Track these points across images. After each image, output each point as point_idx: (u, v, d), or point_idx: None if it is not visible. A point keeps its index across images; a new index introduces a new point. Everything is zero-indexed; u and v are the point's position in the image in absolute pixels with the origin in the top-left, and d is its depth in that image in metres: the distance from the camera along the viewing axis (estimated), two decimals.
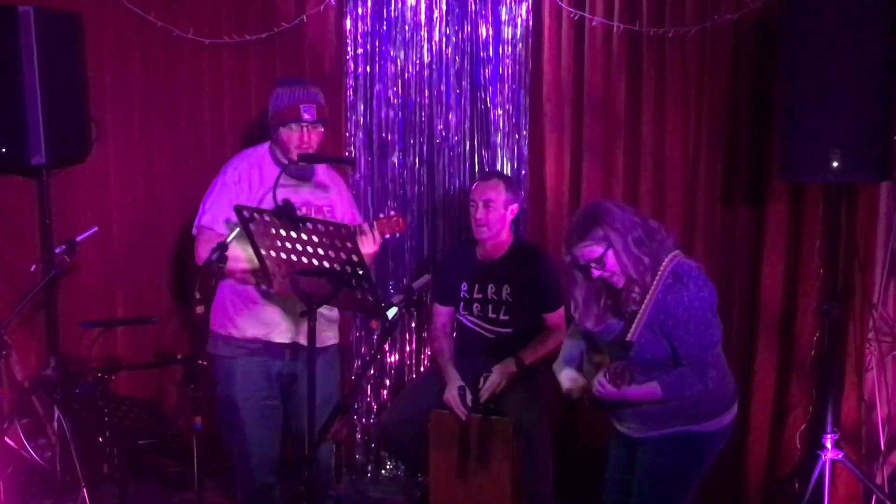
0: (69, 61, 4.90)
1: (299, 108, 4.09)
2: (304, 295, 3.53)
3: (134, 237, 5.29)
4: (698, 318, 3.47)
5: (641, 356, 3.48)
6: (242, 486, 4.28)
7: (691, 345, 3.48)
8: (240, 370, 4.15)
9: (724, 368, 3.66)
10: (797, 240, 4.64)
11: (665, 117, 4.80)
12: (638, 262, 3.47)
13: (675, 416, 3.57)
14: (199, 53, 5.19)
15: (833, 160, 4.15)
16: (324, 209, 4.20)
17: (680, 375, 3.50)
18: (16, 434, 4.94)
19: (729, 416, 3.69)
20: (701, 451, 3.66)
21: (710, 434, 3.63)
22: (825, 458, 4.42)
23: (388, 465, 5.35)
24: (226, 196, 4.10)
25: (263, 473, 4.22)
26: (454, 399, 4.47)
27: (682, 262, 3.52)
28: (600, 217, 3.50)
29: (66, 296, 5.12)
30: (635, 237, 3.48)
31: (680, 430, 3.58)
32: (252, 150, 4.27)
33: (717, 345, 3.57)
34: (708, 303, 3.50)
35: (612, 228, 3.47)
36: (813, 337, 4.63)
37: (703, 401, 3.55)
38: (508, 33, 5.03)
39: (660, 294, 3.45)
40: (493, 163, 5.11)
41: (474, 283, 4.67)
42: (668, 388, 3.49)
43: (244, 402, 4.15)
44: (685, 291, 3.46)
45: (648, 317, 3.45)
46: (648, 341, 3.48)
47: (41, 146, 4.71)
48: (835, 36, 4.15)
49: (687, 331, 3.46)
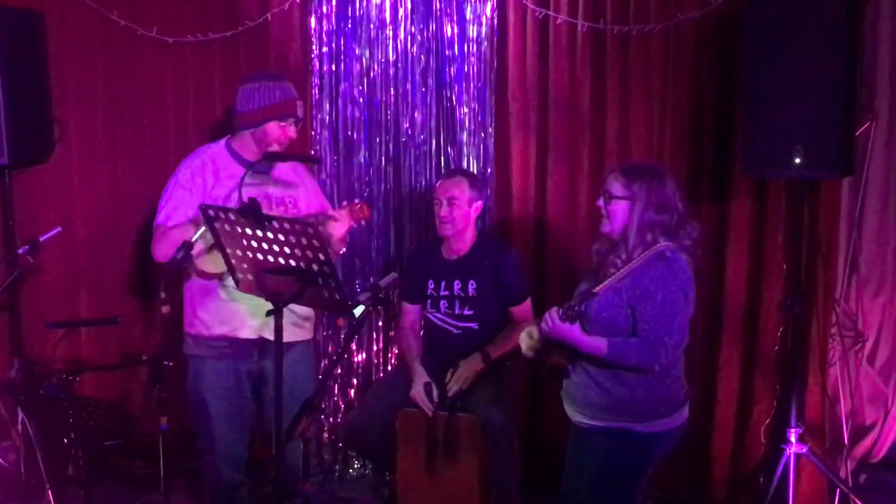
0: (31, 60, 4.85)
1: (295, 105, 4.12)
2: (271, 294, 3.52)
3: (97, 237, 5.25)
4: (667, 295, 3.46)
5: (601, 314, 3.50)
6: (210, 485, 4.29)
7: (653, 318, 3.45)
8: (209, 369, 4.16)
9: (675, 371, 3.62)
10: (760, 236, 4.68)
11: (629, 115, 4.82)
12: (639, 233, 3.51)
13: (620, 410, 3.55)
14: (163, 52, 5.16)
15: (795, 156, 4.19)
16: (286, 201, 4.20)
17: (631, 343, 3.48)
18: None
19: (676, 421, 3.64)
20: (643, 451, 3.62)
21: (653, 435, 3.59)
22: (790, 453, 4.46)
23: (356, 465, 5.34)
24: (179, 195, 4.12)
25: (231, 472, 4.23)
26: (420, 395, 4.48)
27: (674, 250, 3.52)
28: (650, 177, 3.56)
29: (30, 297, 5.07)
30: (656, 218, 3.51)
31: (624, 427, 3.56)
32: (205, 148, 4.27)
33: (679, 331, 3.51)
34: (682, 286, 3.50)
35: (648, 193, 3.52)
36: (777, 332, 4.66)
37: (642, 400, 3.53)
38: (473, 32, 5.03)
39: (640, 266, 3.46)
40: (458, 161, 5.11)
41: (440, 281, 4.68)
42: (615, 347, 3.46)
43: (213, 400, 4.16)
44: (665, 269, 3.47)
45: (620, 282, 3.45)
46: (612, 304, 3.49)
47: (3, 146, 4.67)
48: (796, 33, 4.19)
49: (654, 303, 3.45)
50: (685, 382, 3.71)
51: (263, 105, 4.10)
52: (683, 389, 3.68)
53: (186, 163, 4.23)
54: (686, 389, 3.70)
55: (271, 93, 4.11)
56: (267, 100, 4.10)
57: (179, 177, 4.17)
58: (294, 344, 4.14)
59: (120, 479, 5.15)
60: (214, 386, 4.16)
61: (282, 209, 4.16)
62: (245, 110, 4.14)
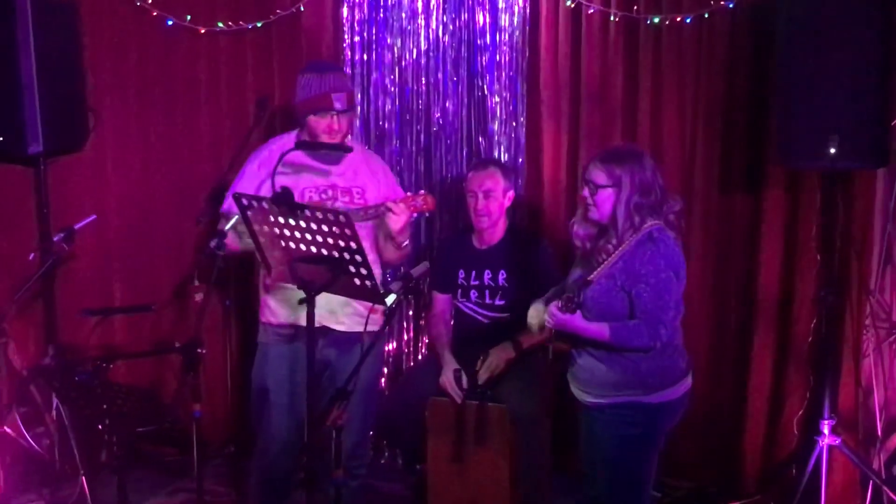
0: (66, 50, 4.89)
1: (331, 98, 4.08)
2: (303, 282, 3.53)
3: (131, 225, 5.29)
4: (658, 276, 3.55)
5: (597, 301, 3.58)
6: (260, 471, 4.30)
7: (648, 301, 3.55)
8: (272, 355, 4.20)
9: (676, 342, 3.71)
10: (794, 226, 4.64)
11: (662, 104, 4.80)
12: (627, 218, 3.57)
13: (626, 384, 3.63)
14: (196, 42, 5.19)
15: (830, 146, 4.14)
16: (352, 191, 4.19)
17: (631, 325, 3.58)
18: (14, 423, 4.94)
19: (680, 389, 3.72)
20: (651, 422, 3.69)
21: (660, 405, 3.67)
22: (822, 444, 4.42)
23: (386, 454, 5.36)
24: (243, 183, 4.14)
25: (285, 461, 4.23)
26: (449, 382, 4.48)
27: (661, 229, 3.60)
28: (631, 161, 3.61)
29: (64, 284, 5.12)
30: (641, 201, 3.57)
31: (630, 400, 3.63)
32: (277, 138, 4.29)
33: (674, 307, 3.61)
34: (672, 264, 3.58)
35: (630, 177, 3.57)
36: (810, 323, 4.63)
37: (648, 372, 3.61)
38: (506, 21, 5.02)
39: (631, 249, 3.55)
40: (490, 150, 5.11)
41: (471, 270, 4.68)
42: (617, 332, 3.57)
43: (273, 387, 4.19)
44: (654, 250, 3.55)
45: (614, 267, 3.54)
46: (607, 290, 3.58)
47: (38, 135, 4.71)
48: (832, 21, 4.14)
49: (647, 285, 3.54)
50: (686, 352, 3.78)
51: (303, 98, 4.11)
52: (684, 360, 3.76)
53: (256, 153, 4.27)
54: (687, 359, 3.77)
55: (309, 86, 4.10)
56: (305, 93, 4.10)
57: (247, 167, 4.22)
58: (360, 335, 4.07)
59: (152, 466, 5.20)
60: (277, 373, 4.18)
61: (347, 199, 4.16)
62: (294, 103, 4.19)
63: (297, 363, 4.13)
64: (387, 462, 5.35)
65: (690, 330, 4.79)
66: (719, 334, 4.87)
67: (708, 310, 4.85)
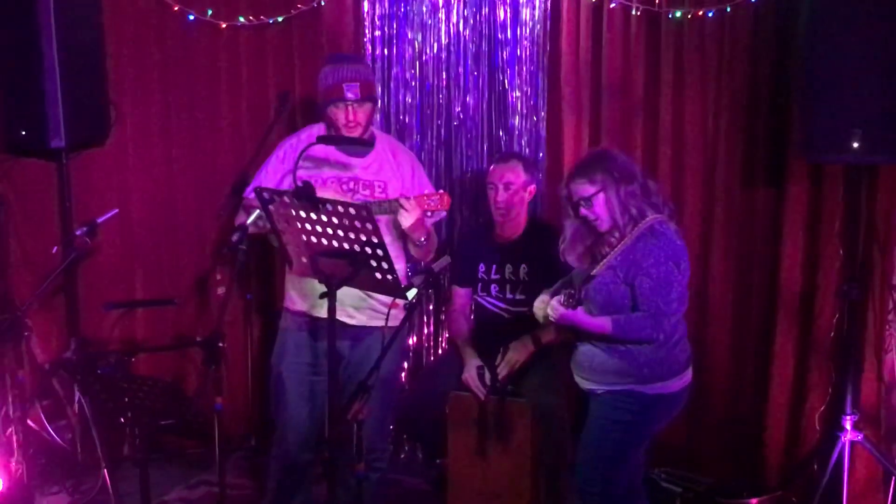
0: (88, 45, 4.91)
1: (342, 88, 4.11)
2: (324, 276, 3.54)
3: (153, 219, 5.31)
4: (660, 268, 3.64)
5: (600, 294, 3.69)
6: (279, 459, 4.33)
7: (650, 291, 3.64)
8: (291, 342, 4.25)
9: (678, 335, 3.78)
10: (817, 221, 4.62)
11: (684, 98, 4.78)
12: (624, 211, 3.70)
13: (625, 373, 3.73)
14: (217, 36, 5.20)
15: (853, 140, 4.12)
16: (374, 185, 4.20)
17: (633, 318, 3.68)
18: (37, 416, 4.97)
19: (679, 383, 3.80)
20: (645, 412, 3.77)
21: (656, 396, 3.75)
22: (844, 440, 4.41)
23: (407, 448, 5.37)
24: (268, 171, 4.21)
25: (300, 450, 4.27)
26: (472, 379, 4.48)
27: (662, 222, 3.72)
28: (603, 161, 3.76)
29: (86, 278, 5.15)
30: (629, 189, 3.70)
31: (627, 388, 3.73)
32: (307, 128, 4.34)
33: (676, 300, 3.70)
34: (672, 255, 3.67)
35: (609, 174, 3.71)
36: (832, 318, 4.60)
37: (645, 363, 3.69)
38: (526, 15, 5.00)
39: (632, 243, 3.65)
40: (510, 145, 5.10)
41: (492, 264, 4.68)
42: (619, 325, 3.68)
43: (289, 376, 4.24)
44: (654, 243, 3.66)
45: (616, 260, 3.66)
46: (610, 282, 3.69)
47: (61, 129, 4.73)
48: (857, 15, 4.11)
49: (649, 277, 3.63)
50: (688, 346, 3.86)
51: (320, 89, 4.17)
52: (686, 354, 3.83)
53: (285, 140, 4.32)
54: (689, 354, 3.84)
55: (325, 78, 4.16)
56: (322, 84, 4.16)
57: (275, 154, 4.27)
58: (372, 329, 4.15)
59: (173, 459, 5.23)
60: (292, 360, 4.24)
61: (368, 193, 4.17)
62: (317, 93, 4.20)
63: (312, 353, 4.17)
64: (407, 456, 5.37)
65: (712, 324, 4.83)
66: (741, 328, 4.85)
67: (729, 304, 4.84)
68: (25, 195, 5.10)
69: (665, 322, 3.67)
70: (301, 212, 3.50)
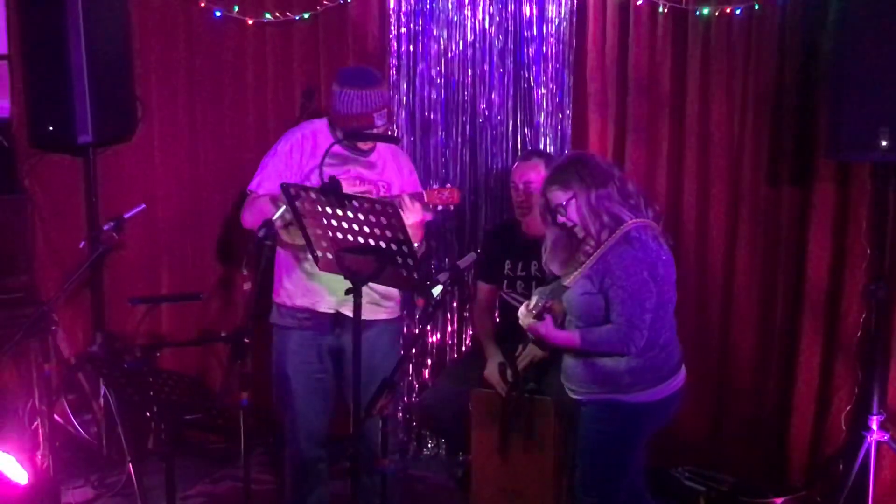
0: (115, 40, 4.95)
1: (373, 117, 4.08)
2: (350, 272, 3.54)
3: (179, 215, 5.33)
4: (632, 279, 3.54)
5: (578, 305, 3.63)
6: (291, 458, 4.35)
7: (622, 303, 3.55)
8: (292, 341, 4.24)
9: (662, 341, 3.67)
10: (844, 220, 4.60)
11: (710, 96, 4.76)
12: (595, 218, 3.60)
13: (603, 382, 3.66)
14: (243, 32, 5.21)
15: (881, 139, 4.10)
16: (378, 184, 4.20)
17: (603, 332, 3.60)
18: (62, 410, 5.02)
19: (668, 389, 3.71)
20: (631, 421, 3.70)
21: (640, 405, 3.67)
22: (870, 440, 4.39)
23: (430, 444, 5.38)
24: (274, 164, 4.18)
25: (310, 447, 4.29)
26: (494, 376, 4.48)
27: (640, 227, 3.61)
28: (574, 166, 3.67)
29: (113, 273, 5.19)
30: (601, 193, 3.60)
31: (607, 398, 3.67)
32: (308, 123, 4.32)
33: (653, 310, 3.59)
34: (647, 263, 3.57)
35: (580, 178, 3.61)
36: (859, 318, 4.58)
37: (626, 371, 3.62)
38: (552, 12, 4.99)
39: (606, 251, 3.57)
40: (535, 142, 5.09)
41: (518, 261, 4.67)
42: (587, 339, 3.62)
43: (294, 374, 4.23)
44: (628, 251, 3.55)
45: (590, 269, 3.58)
46: (584, 293, 3.61)
47: (88, 125, 4.77)
48: (883, 12, 4.10)
49: (621, 288, 3.55)
50: (676, 350, 3.76)
51: (343, 113, 4.10)
52: (675, 358, 3.74)
53: (288, 135, 4.29)
54: (678, 357, 3.75)
55: (351, 103, 4.08)
56: (346, 108, 4.08)
57: (279, 147, 4.24)
58: (373, 322, 4.15)
59: (197, 454, 5.25)
60: (296, 359, 4.23)
61: (372, 192, 4.17)
62: (334, 111, 4.16)
63: (317, 350, 4.18)
64: (431, 452, 5.36)
65: (737, 322, 4.82)
66: (766, 327, 4.83)
67: (755, 302, 4.82)
68: (52, 190, 5.14)
69: (637, 335, 3.55)
70: (327, 208, 3.51)
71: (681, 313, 4.76)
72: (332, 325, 4.19)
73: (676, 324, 3.77)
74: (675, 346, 3.76)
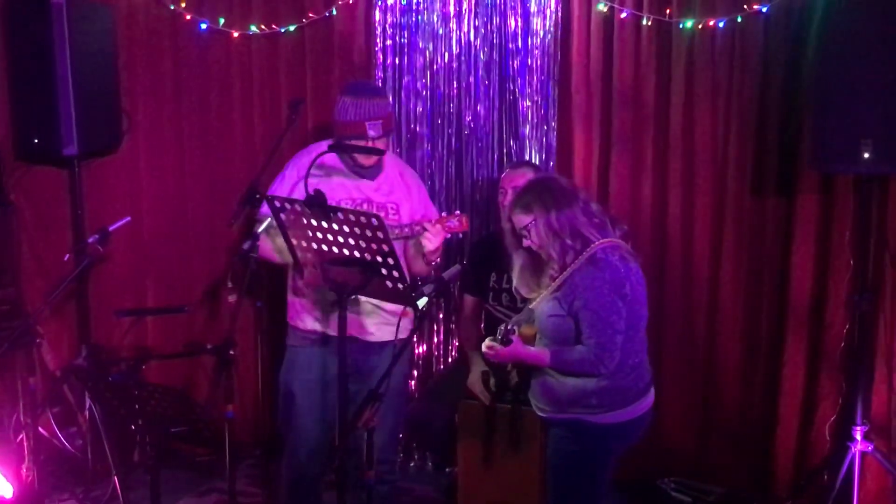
0: (101, 53, 4.95)
1: (364, 126, 4.08)
2: (335, 284, 3.54)
3: (164, 227, 5.34)
4: (600, 300, 3.52)
5: (545, 324, 3.63)
6: (289, 472, 4.33)
7: (591, 325, 3.53)
8: (300, 360, 4.22)
9: (632, 362, 3.63)
10: (827, 231, 4.62)
11: (694, 108, 4.79)
12: (555, 240, 3.57)
13: (570, 401, 3.62)
14: (229, 45, 5.22)
15: (864, 151, 4.13)
16: (387, 207, 4.19)
17: (573, 352, 3.57)
18: (48, 422, 4.99)
19: (632, 413, 3.66)
20: (598, 442, 3.66)
21: (608, 426, 3.63)
22: (855, 450, 4.41)
23: (416, 457, 5.37)
24: (281, 188, 4.15)
25: (313, 463, 4.27)
26: (477, 385, 4.48)
27: (607, 248, 3.58)
28: (536, 189, 3.65)
29: (98, 285, 5.17)
30: (564, 214, 3.56)
31: (575, 418, 3.63)
32: (317, 145, 4.27)
33: (624, 330, 3.56)
34: (614, 285, 3.54)
35: (542, 202, 3.59)
36: (843, 329, 4.60)
37: (593, 392, 3.59)
38: (538, 24, 5.01)
39: (572, 273, 3.54)
40: (521, 154, 5.10)
41: (503, 273, 4.66)
42: (557, 356, 3.59)
43: (300, 391, 4.21)
44: (595, 272, 3.53)
45: (559, 292, 3.56)
46: (553, 314, 3.60)
47: (73, 137, 4.77)
48: (866, 26, 4.12)
49: (589, 311, 3.53)
50: (646, 372, 3.72)
51: (340, 121, 4.11)
52: (644, 380, 3.70)
53: (295, 158, 4.26)
54: (648, 379, 3.72)
55: (346, 111, 4.09)
56: (342, 116, 4.10)
57: (286, 172, 4.21)
58: (386, 344, 4.14)
59: (183, 466, 5.23)
60: (303, 377, 4.21)
61: (382, 215, 4.12)
62: (334, 120, 4.17)
63: (325, 367, 4.15)
64: (417, 464, 5.36)
65: (722, 333, 4.83)
66: (751, 338, 4.85)
67: (740, 314, 4.84)
68: (38, 203, 5.13)
69: (607, 357, 3.53)
70: (312, 220, 3.51)
71: (666, 324, 4.83)
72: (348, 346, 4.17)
73: (661, 334, 3.77)
74: (645, 369, 3.72)
